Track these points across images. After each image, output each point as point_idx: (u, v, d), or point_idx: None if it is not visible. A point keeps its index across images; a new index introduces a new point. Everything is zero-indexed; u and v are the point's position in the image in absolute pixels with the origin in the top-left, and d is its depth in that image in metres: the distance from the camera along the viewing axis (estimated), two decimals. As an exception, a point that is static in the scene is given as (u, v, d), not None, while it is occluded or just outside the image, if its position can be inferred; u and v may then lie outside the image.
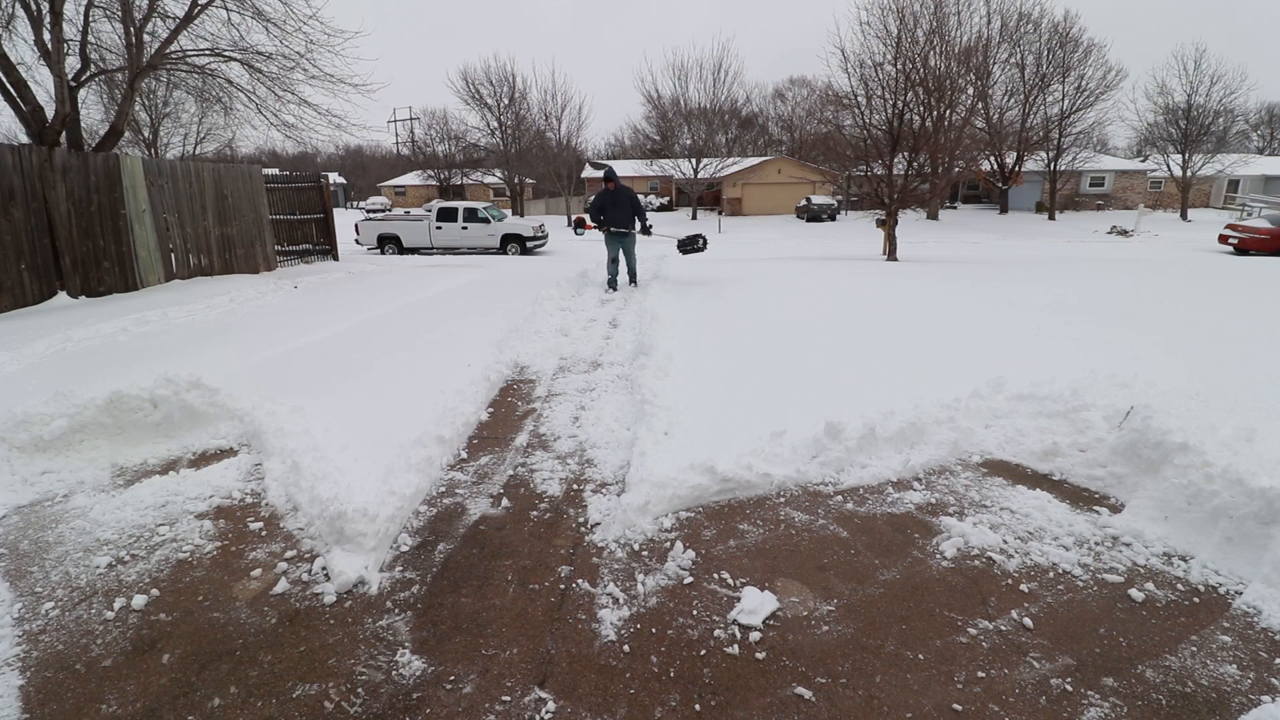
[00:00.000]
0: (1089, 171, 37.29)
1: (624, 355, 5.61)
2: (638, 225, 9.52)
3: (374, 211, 37.73)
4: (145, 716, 1.80)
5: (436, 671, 1.96)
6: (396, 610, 2.25)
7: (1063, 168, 33.91)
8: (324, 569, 2.46)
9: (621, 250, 9.49)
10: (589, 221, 9.48)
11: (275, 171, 15.83)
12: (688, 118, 38.12)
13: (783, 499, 3.03)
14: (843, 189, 36.22)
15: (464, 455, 3.58)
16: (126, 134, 15.57)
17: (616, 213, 9.21)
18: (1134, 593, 2.31)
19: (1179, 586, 2.36)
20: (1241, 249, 18.06)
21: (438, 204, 19.61)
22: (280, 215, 13.18)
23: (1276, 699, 1.80)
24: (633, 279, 9.89)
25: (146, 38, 10.46)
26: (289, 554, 2.59)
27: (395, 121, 48.64)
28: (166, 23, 10.70)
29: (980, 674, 1.94)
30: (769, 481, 3.11)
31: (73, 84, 9.98)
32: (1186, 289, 9.62)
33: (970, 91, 22.42)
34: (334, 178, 53.44)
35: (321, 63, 11.36)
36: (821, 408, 3.70)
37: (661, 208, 45.04)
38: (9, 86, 9.27)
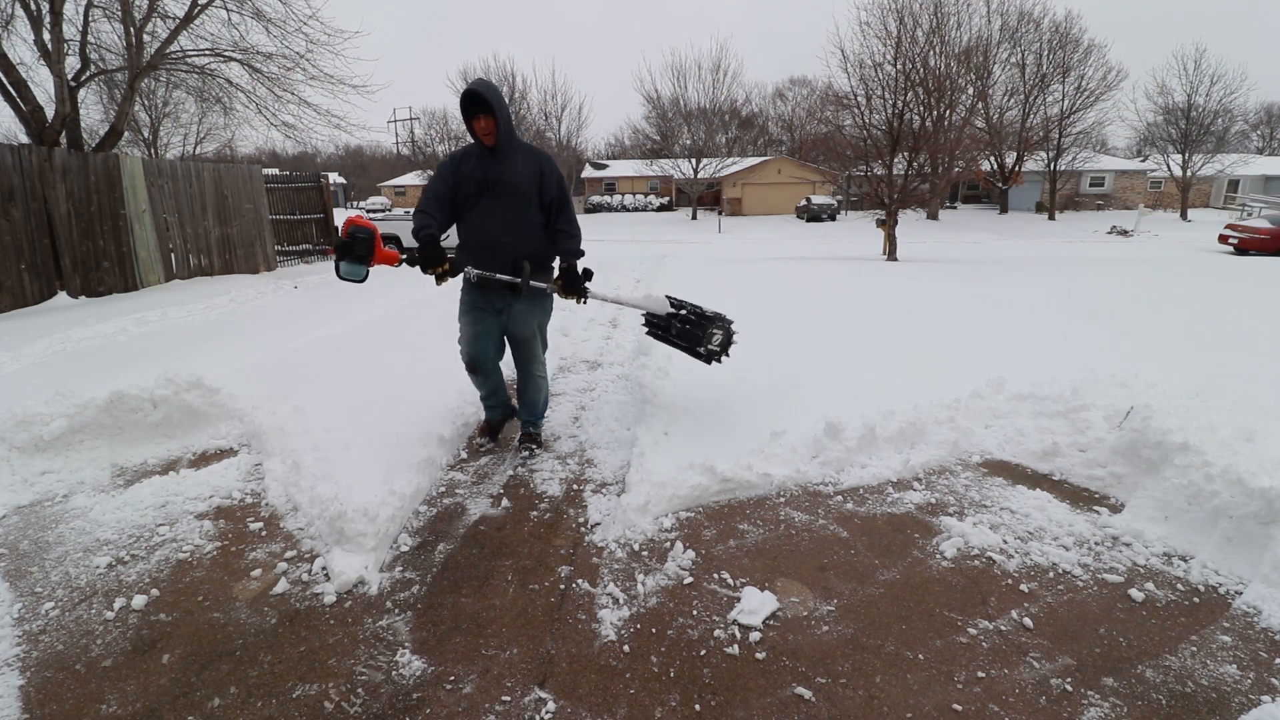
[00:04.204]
0: (1089, 171, 37.32)
1: (624, 355, 5.61)
2: (555, 270, 3.35)
3: (374, 211, 37.75)
4: (145, 716, 1.80)
5: (436, 671, 1.96)
6: (396, 610, 2.25)
7: (1063, 168, 33.94)
8: (324, 569, 2.46)
9: (511, 345, 3.45)
10: (388, 247, 3.15)
11: (275, 171, 15.84)
12: (687, 118, 38.14)
13: (783, 499, 3.03)
14: (843, 189, 36.26)
15: (464, 455, 3.58)
16: (126, 134, 15.57)
17: (491, 221, 3.19)
18: (1134, 593, 2.31)
19: (1179, 586, 2.36)
20: (1241, 249, 18.07)
21: (438, 204, 19.52)
22: (280, 215, 13.19)
23: (1276, 699, 1.80)
24: (530, 427, 3.63)
25: (146, 38, 10.47)
26: (289, 554, 2.59)
27: (395, 121, 48.62)
28: (166, 23, 10.71)
29: (980, 674, 1.94)
30: (769, 481, 3.11)
31: (73, 84, 9.99)
32: (1186, 289, 9.62)
33: (970, 91, 22.43)
34: (334, 178, 53.40)
35: (321, 63, 11.39)
36: (821, 407, 3.70)
37: (661, 208, 44.97)
38: (9, 86, 9.27)
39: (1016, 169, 34.32)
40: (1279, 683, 1.89)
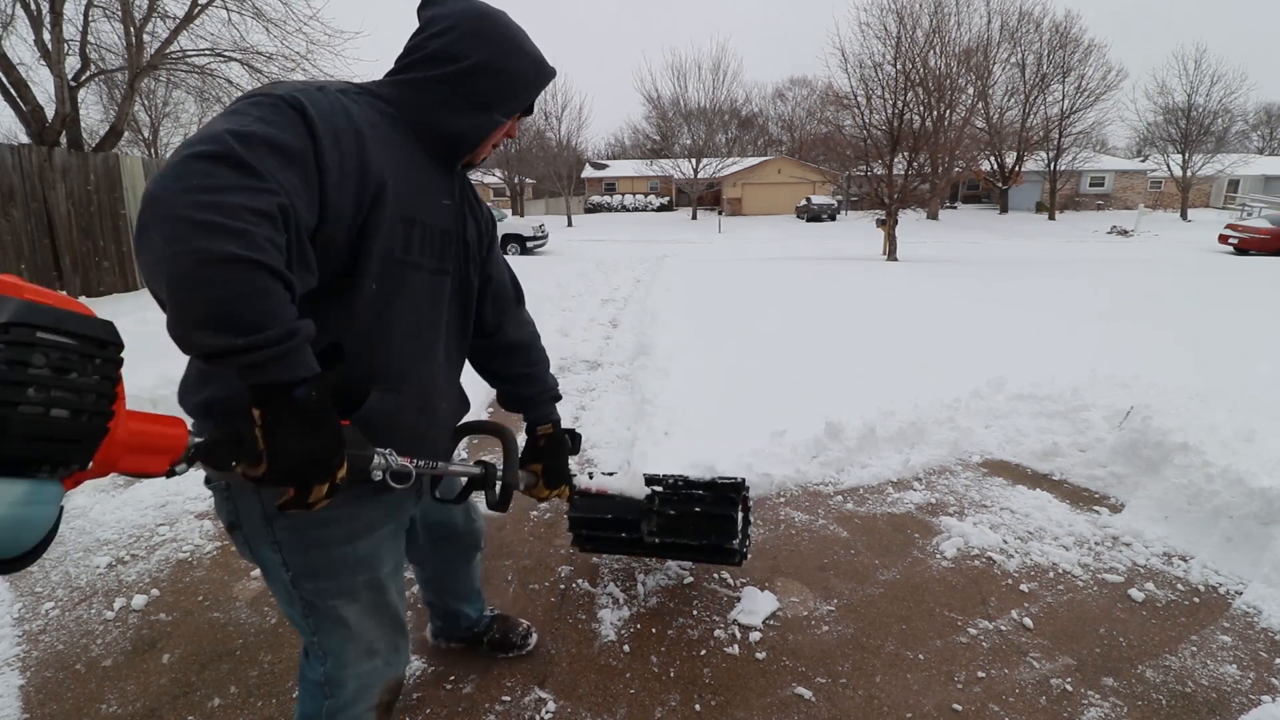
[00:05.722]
0: (1089, 171, 37.30)
1: (624, 355, 5.61)
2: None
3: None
4: (145, 716, 1.80)
5: (436, 671, 1.96)
6: (396, 610, 2.25)
7: (1063, 168, 33.92)
8: (324, 569, 2.45)
9: (435, 537, 1.67)
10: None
11: (275, 171, 15.80)
12: (687, 118, 38.14)
13: (783, 499, 3.03)
14: (843, 189, 36.26)
15: (464, 455, 3.57)
16: (126, 134, 15.56)
17: (438, 327, 1.22)
18: (1134, 593, 2.31)
19: (1179, 586, 2.36)
20: (1241, 249, 18.06)
21: (437, 204, 19.52)
22: (280, 215, 13.17)
23: (1276, 699, 1.80)
24: (490, 625, 2.00)
25: (146, 38, 10.46)
26: (289, 554, 2.59)
27: (395, 121, 48.51)
28: (166, 23, 10.69)
29: (980, 674, 1.94)
30: (769, 481, 3.11)
31: (73, 84, 9.97)
32: (1187, 289, 9.62)
33: (970, 91, 22.44)
34: (334, 178, 53.15)
35: (322, 64, 11.35)
36: (821, 407, 3.70)
37: (661, 208, 44.95)
38: (9, 86, 9.26)
39: (1016, 169, 34.30)
40: (1279, 683, 1.89)
